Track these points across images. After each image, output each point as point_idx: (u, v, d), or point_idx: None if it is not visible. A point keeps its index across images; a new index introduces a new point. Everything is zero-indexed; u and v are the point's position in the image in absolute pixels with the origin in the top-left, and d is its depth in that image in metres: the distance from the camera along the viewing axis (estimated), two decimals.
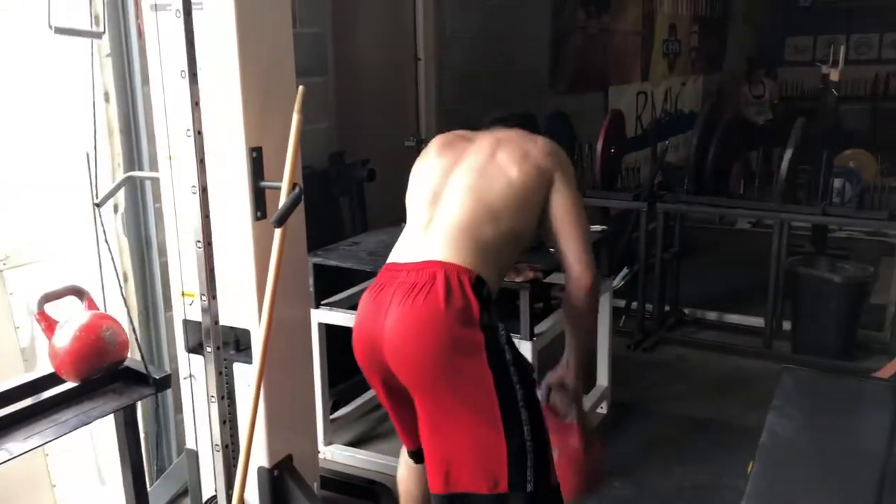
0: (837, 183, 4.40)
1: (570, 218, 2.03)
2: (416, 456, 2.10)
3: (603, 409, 3.56)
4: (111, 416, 2.10)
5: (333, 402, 3.38)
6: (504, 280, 2.07)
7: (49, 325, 2.11)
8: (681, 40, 8.58)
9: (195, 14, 1.91)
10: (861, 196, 4.07)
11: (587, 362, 2.15)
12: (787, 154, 4.26)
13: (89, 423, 2.02)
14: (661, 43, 7.97)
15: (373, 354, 1.92)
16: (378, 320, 1.88)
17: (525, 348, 2.74)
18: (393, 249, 2.03)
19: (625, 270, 4.79)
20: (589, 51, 6.31)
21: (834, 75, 5.16)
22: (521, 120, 2.26)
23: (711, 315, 4.72)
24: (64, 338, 2.05)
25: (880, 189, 4.14)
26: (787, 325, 4.30)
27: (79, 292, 2.20)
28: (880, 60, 10.74)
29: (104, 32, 2.09)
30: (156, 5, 2.01)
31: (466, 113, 4.72)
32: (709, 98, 9.24)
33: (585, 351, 2.11)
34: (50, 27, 1.89)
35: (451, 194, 1.99)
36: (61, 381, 2.10)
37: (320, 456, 2.99)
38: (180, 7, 1.88)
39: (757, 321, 4.36)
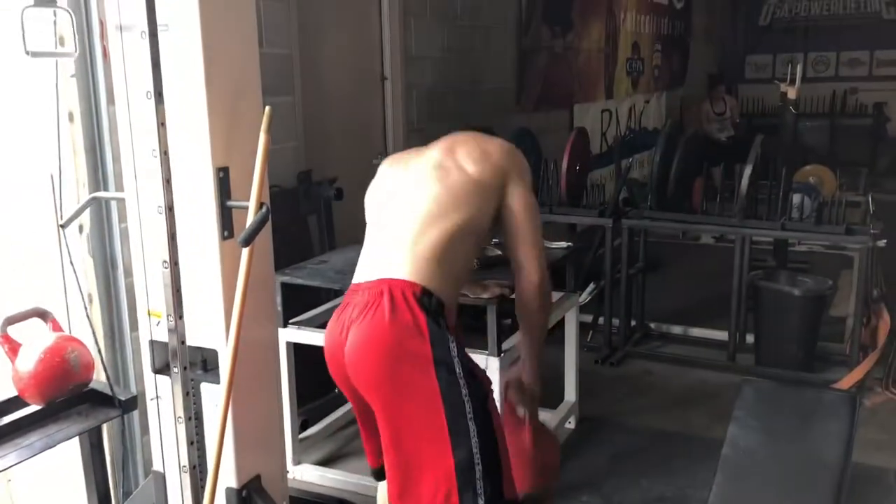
0: (797, 198, 4.49)
1: (525, 215, 2.06)
2: (378, 474, 2.17)
3: (571, 424, 3.59)
4: (76, 439, 2.08)
5: (302, 422, 3.36)
6: (467, 289, 2.11)
7: (12, 347, 2.08)
8: (644, 58, 8.72)
9: (161, 34, 1.92)
10: (820, 211, 4.17)
11: (541, 361, 2.17)
12: (747, 170, 4.35)
13: (54, 446, 1.99)
14: (624, 61, 8.10)
15: (340, 372, 2.00)
16: (340, 339, 1.97)
17: (493, 365, 2.76)
18: (356, 269, 2.10)
19: (591, 286, 4.84)
20: (554, 69, 6.39)
21: (792, 93, 5.28)
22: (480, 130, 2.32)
23: (677, 329, 4.79)
24: (28, 361, 2.03)
25: (838, 204, 4.24)
26: (750, 339, 4.37)
27: (43, 314, 2.18)
28: (837, 78, 11.02)
29: (77, 52, 2.08)
30: (121, 26, 2.01)
31: (433, 131, 4.76)
32: (673, 115, 9.40)
33: (539, 349, 2.14)
34: (26, 52, 1.88)
35: (399, 207, 2.05)
36: (25, 405, 2.08)
37: (289, 476, 2.97)
38: (145, 28, 1.88)
39: (721, 335, 4.43)
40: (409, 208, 2.02)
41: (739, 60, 11.60)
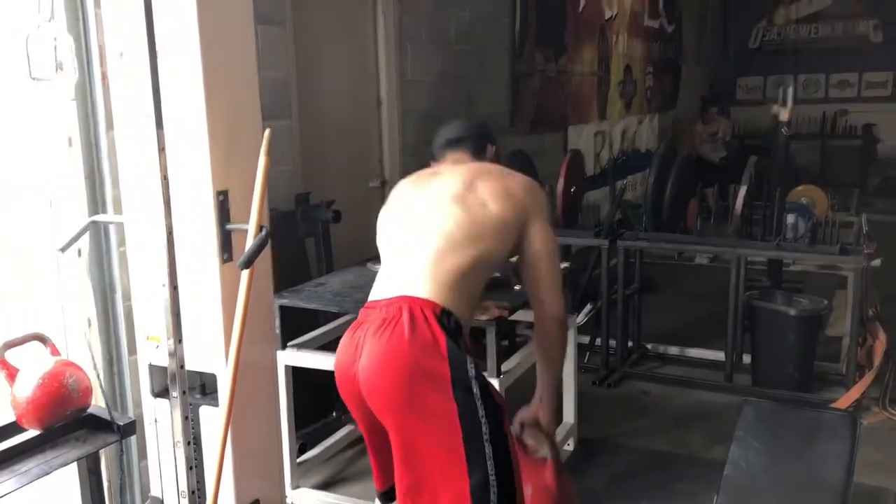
0: (791, 218, 4.53)
1: (547, 253, 2.08)
2: (385, 497, 2.09)
3: (570, 446, 3.57)
4: (74, 465, 2.06)
5: (300, 445, 3.34)
6: (475, 312, 2.10)
7: (10, 372, 2.07)
8: (636, 81, 8.80)
9: (161, 59, 1.93)
10: (814, 231, 4.20)
11: (558, 397, 2.18)
12: (742, 191, 4.39)
13: (51, 472, 1.97)
14: (617, 84, 8.17)
15: (351, 389, 1.95)
16: (354, 356, 1.92)
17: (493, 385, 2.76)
18: (373, 286, 2.08)
19: (588, 307, 4.85)
20: (547, 92, 6.44)
21: (784, 114, 5.32)
22: (476, 136, 2.33)
23: (673, 350, 4.79)
24: (26, 386, 2.01)
25: (832, 224, 4.28)
26: (747, 359, 4.37)
27: (41, 338, 2.16)
28: (827, 99, 11.13)
29: (77, 75, 2.10)
30: (122, 53, 2.02)
31: (429, 154, 4.78)
32: (665, 137, 9.47)
33: (558, 385, 2.15)
34: (31, 77, 1.89)
35: (422, 227, 2.03)
36: (22, 430, 2.06)
37: (287, 500, 2.95)
38: (146, 53, 1.89)
39: (717, 355, 4.43)
40: (431, 231, 2.00)
41: (730, 82, 11.71)
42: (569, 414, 3.60)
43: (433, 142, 2.40)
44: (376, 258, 3.64)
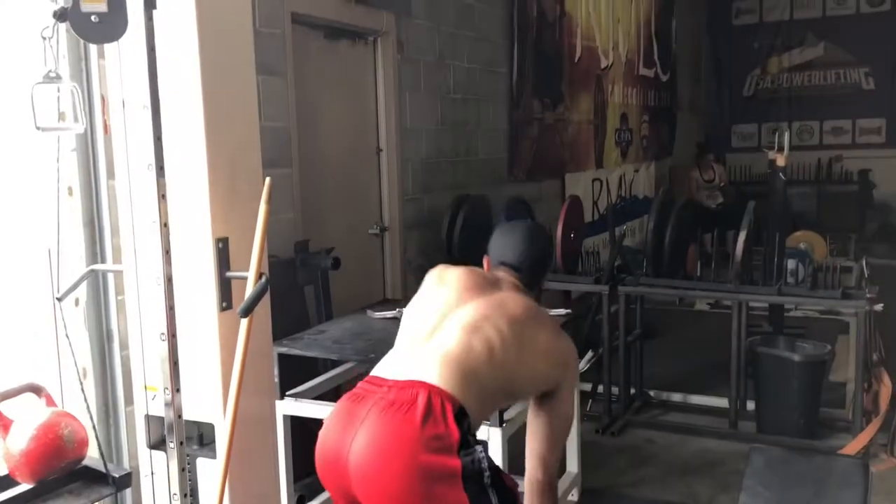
0: (791, 264, 4.52)
1: (570, 415, 2.07)
2: None
3: (574, 497, 3.51)
4: None
5: (299, 497, 3.27)
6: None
7: (3, 424, 2.03)
8: (632, 129, 8.89)
9: (163, 107, 1.94)
10: (815, 276, 4.19)
11: None
12: (742, 236, 4.39)
13: None
14: (613, 132, 8.24)
15: (336, 473, 1.80)
16: (347, 434, 1.78)
17: (495, 435, 2.72)
18: (379, 363, 1.97)
19: (590, 353, 4.81)
20: (545, 140, 6.49)
21: (780, 160, 5.36)
22: (534, 270, 2.20)
23: (676, 397, 4.74)
24: (20, 438, 1.97)
25: (831, 269, 4.27)
26: (750, 405, 4.33)
27: (36, 389, 2.13)
28: (822, 146, 11.22)
29: (84, 126, 2.10)
30: (124, 101, 2.04)
31: (428, 201, 4.80)
32: (662, 183, 9.52)
33: None
34: (37, 128, 1.90)
35: (467, 324, 1.91)
36: (15, 484, 2.02)
37: None
38: (148, 102, 1.90)
39: (721, 402, 4.39)
40: (477, 334, 1.89)
41: (725, 130, 11.83)
42: (572, 463, 3.54)
43: (492, 241, 2.26)
44: (376, 305, 3.64)
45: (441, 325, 1.95)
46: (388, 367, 1.92)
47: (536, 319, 2.02)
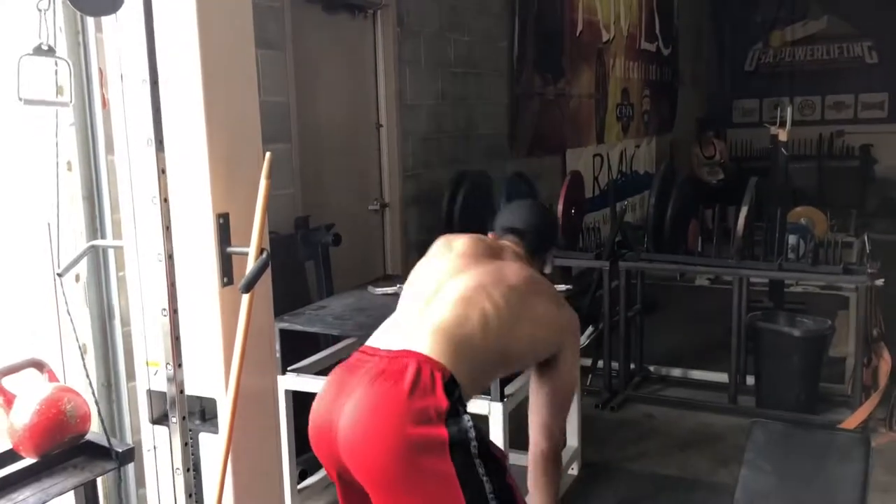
0: (792, 239, 4.51)
1: (573, 379, 2.07)
2: None
3: (574, 471, 3.53)
4: (71, 493, 2.02)
5: (301, 472, 3.29)
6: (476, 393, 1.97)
7: (7, 399, 2.04)
8: (633, 104, 8.83)
9: (162, 82, 1.92)
10: (816, 251, 4.18)
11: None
12: (743, 212, 4.37)
13: (49, 500, 1.94)
14: (614, 107, 8.19)
15: (327, 443, 1.80)
16: (337, 403, 1.79)
17: (496, 409, 2.73)
18: (375, 332, 1.98)
19: (590, 329, 4.82)
20: (546, 115, 6.46)
21: (782, 135, 5.33)
22: (540, 234, 2.21)
23: (676, 372, 4.75)
24: (23, 413, 1.98)
25: (832, 244, 4.26)
26: (750, 380, 4.34)
27: (38, 365, 2.14)
28: (823, 121, 11.17)
29: (72, 101, 2.08)
30: (122, 75, 2.01)
31: (428, 176, 4.78)
32: (663, 159, 9.49)
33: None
34: (19, 99, 1.88)
35: (463, 295, 1.91)
36: (19, 458, 2.03)
37: None
38: (146, 76, 1.89)
39: (721, 377, 4.40)
40: (473, 305, 1.88)
41: (727, 105, 11.76)
42: (572, 438, 3.55)
43: (497, 218, 2.28)
44: (377, 281, 3.63)
45: (437, 295, 1.94)
46: (382, 337, 1.93)
47: (536, 288, 2.02)
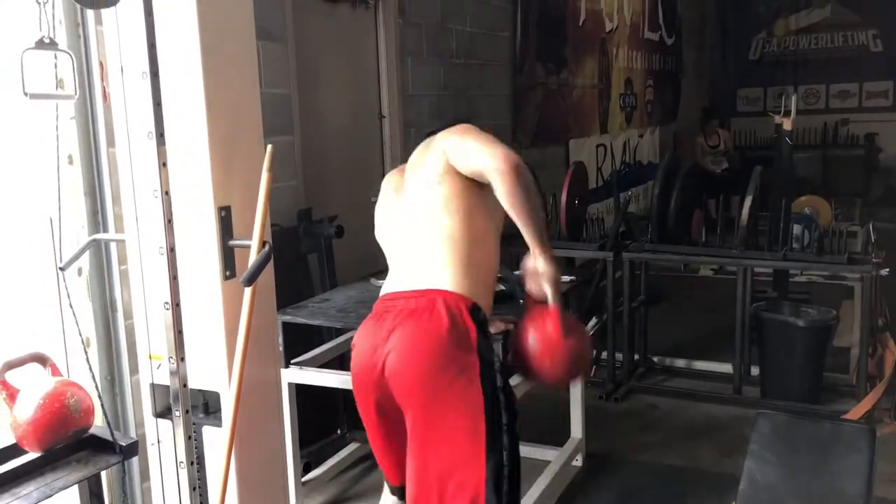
0: (796, 229, 4.49)
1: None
2: (401, 492, 2.13)
3: (578, 462, 3.53)
4: (75, 487, 2.02)
5: (305, 464, 3.30)
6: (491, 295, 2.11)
7: (10, 393, 2.04)
8: (636, 94, 8.80)
9: (162, 75, 1.91)
10: (820, 241, 4.16)
11: (546, 239, 2.04)
12: (748, 201, 4.35)
13: (52, 495, 1.94)
14: (617, 97, 8.16)
15: (370, 376, 2.00)
16: (378, 341, 1.98)
17: None
18: (385, 283, 2.14)
19: (594, 320, 4.81)
20: (549, 105, 6.43)
21: (787, 124, 5.30)
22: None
23: (680, 363, 4.75)
24: (26, 407, 1.98)
25: (837, 233, 4.24)
26: (755, 371, 4.33)
27: (42, 359, 2.13)
28: (828, 110, 11.12)
29: (76, 95, 2.07)
30: (122, 68, 2.00)
31: None
32: (667, 149, 9.46)
33: (540, 229, 2.00)
34: (25, 94, 1.87)
35: (418, 222, 2.09)
36: (23, 452, 2.02)
37: None
38: (147, 69, 1.88)
39: (725, 367, 4.39)
40: (432, 225, 2.06)
41: (731, 94, 11.71)
42: (576, 429, 3.55)
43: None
44: (380, 273, 3.62)
45: (412, 225, 2.11)
46: (396, 282, 2.08)
47: (433, 140, 2.16)
